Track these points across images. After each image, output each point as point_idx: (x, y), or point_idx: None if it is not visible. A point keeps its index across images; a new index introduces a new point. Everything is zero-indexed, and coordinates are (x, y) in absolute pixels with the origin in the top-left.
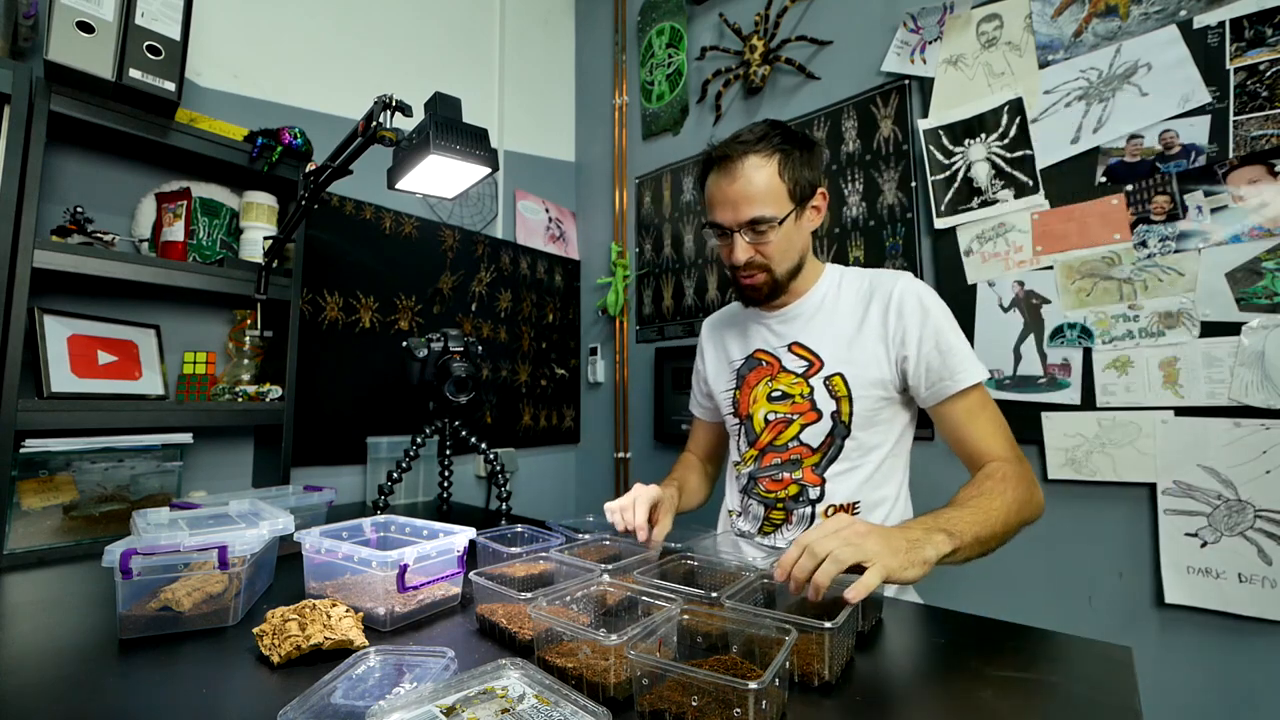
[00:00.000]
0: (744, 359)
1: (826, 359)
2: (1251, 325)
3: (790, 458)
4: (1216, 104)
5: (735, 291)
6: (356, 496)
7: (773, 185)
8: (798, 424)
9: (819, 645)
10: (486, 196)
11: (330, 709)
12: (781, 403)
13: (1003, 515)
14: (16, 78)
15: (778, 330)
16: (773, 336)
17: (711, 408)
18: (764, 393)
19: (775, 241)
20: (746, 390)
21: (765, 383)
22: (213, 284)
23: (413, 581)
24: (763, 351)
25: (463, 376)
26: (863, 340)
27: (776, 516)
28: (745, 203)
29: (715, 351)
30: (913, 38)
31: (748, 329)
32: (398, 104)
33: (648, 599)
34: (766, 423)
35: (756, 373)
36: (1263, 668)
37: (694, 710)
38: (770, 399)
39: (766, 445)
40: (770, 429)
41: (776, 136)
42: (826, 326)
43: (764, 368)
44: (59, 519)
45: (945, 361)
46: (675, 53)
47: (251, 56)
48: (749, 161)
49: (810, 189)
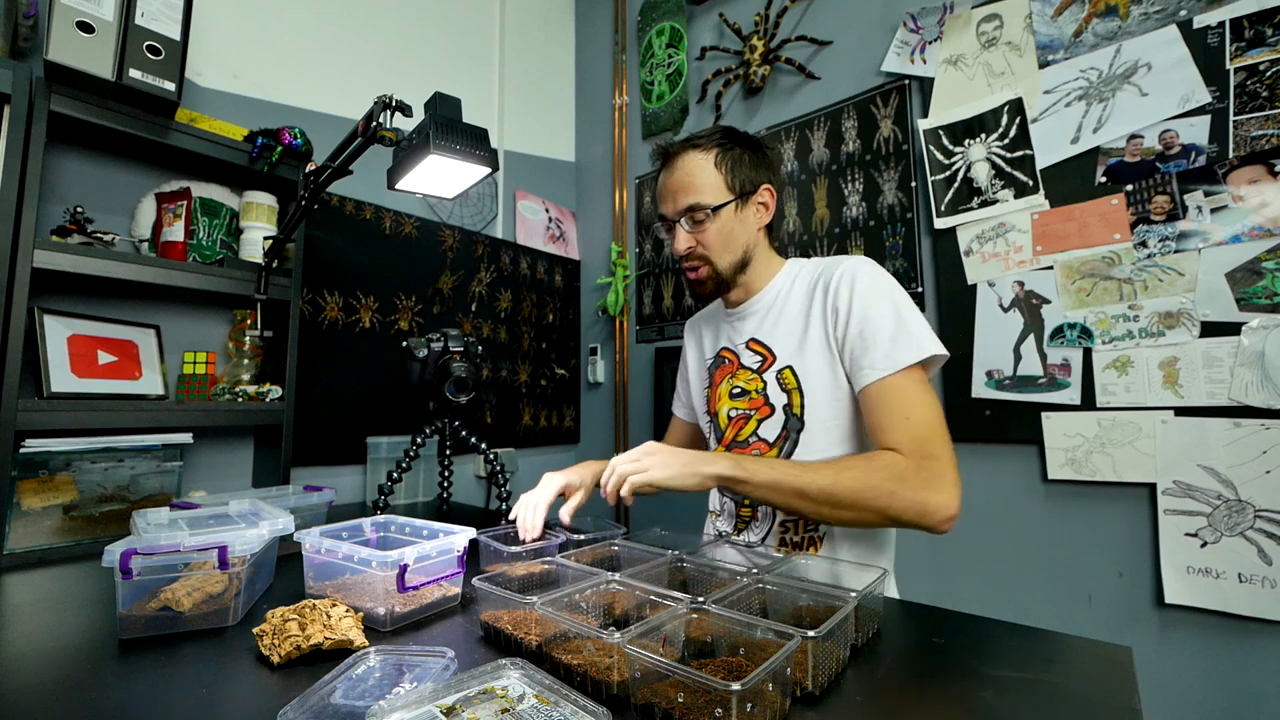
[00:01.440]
0: (714, 356)
1: (779, 353)
2: (1251, 325)
3: (751, 453)
4: (1216, 104)
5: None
6: (356, 496)
7: (708, 175)
8: (755, 419)
9: (803, 653)
10: (486, 196)
11: (330, 709)
12: (741, 399)
13: (828, 482)
14: (16, 78)
15: (737, 327)
16: (734, 334)
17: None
18: (726, 390)
19: (713, 231)
20: (715, 388)
21: (728, 380)
22: (213, 284)
23: (413, 581)
24: (726, 349)
25: (463, 376)
26: (808, 331)
27: (745, 513)
28: (682, 192)
29: (694, 351)
30: (913, 38)
31: (718, 327)
32: (398, 104)
33: (656, 599)
34: (729, 419)
35: (722, 370)
36: (1263, 668)
37: (681, 707)
38: (732, 396)
39: (731, 441)
40: (733, 425)
41: (718, 135)
42: (779, 321)
43: (726, 365)
44: (59, 519)
45: (865, 347)
46: (675, 53)
47: (251, 56)
48: (688, 155)
49: (753, 185)
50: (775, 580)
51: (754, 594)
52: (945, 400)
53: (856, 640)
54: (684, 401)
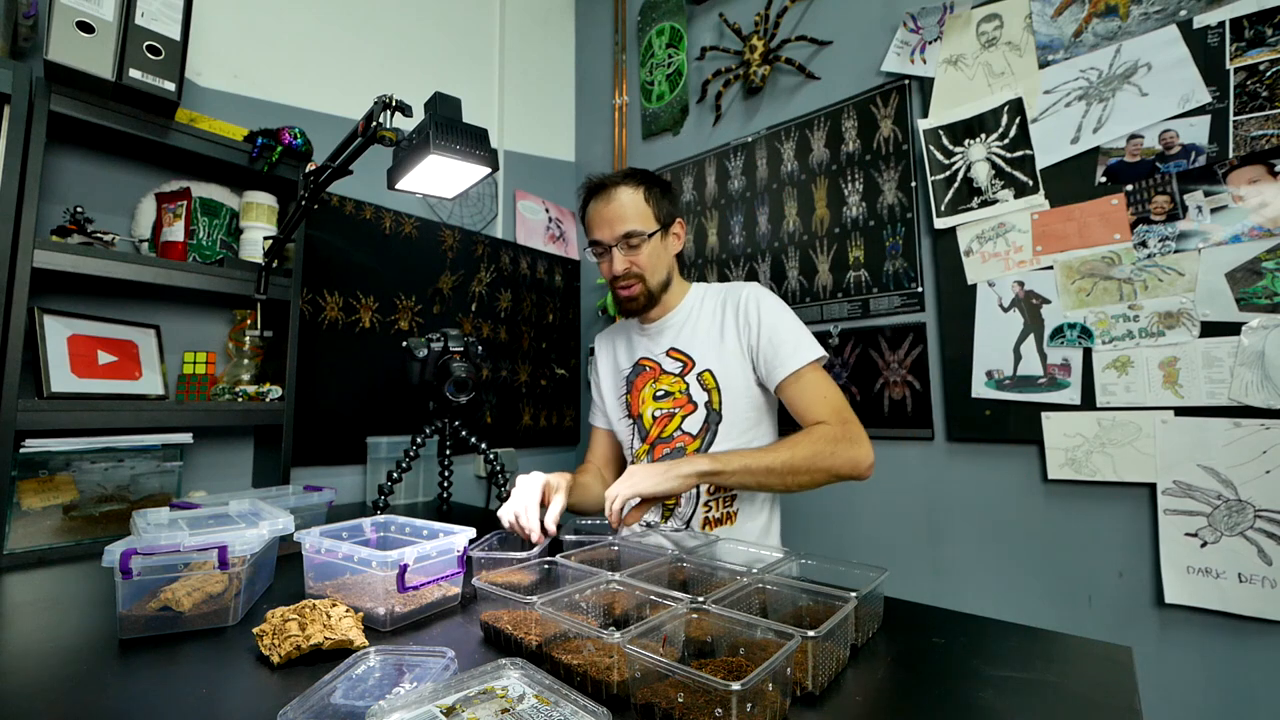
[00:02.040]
0: (631, 366)
1: (697, 359)
2: (1251, 325)
3: (676, 446)
4: (1216, 104)
5: (615, 303)
6: (356, 496)
7: (640, 207)
8: (679, 416)
9: (803, 653)
10: (486, 196)
11: (330, 709)
12: (664, 400)
13: (787, 456)
14: (16, 78)
15: (655, 339)
16: (652, 345)
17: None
18: (650, 393)
19: (646, 254)
20: (635, 393)
21: (650, 385)
22: (213, 284)
23: (413, 581)
24: (645, 358)
25: (463, 377)
26: (724, 340)
27: (671, 502)
28: (619, 221)
29: (608, 363)
30: (913, 38)
31: (632, 340)
32: (398, 104)
33: (656, 599)
34: (654, 419)
35: (642, 377)
36: (1263, 668)
37: (681, 707)
38: (655, 398)
39: (656, 438)
40: (657, 424)
41: (639, 174)
42: (695, 333)
43: (647, 372)
44: (59, 519)
45: (776, 351)
46: (675, 53)
47: (251, 56)
48: (623, 188)
49: (670, 218)
50: (775, 580)
51: (754, 594)
52: (945, 400)
53: (856, 640)
54: (600, 409)
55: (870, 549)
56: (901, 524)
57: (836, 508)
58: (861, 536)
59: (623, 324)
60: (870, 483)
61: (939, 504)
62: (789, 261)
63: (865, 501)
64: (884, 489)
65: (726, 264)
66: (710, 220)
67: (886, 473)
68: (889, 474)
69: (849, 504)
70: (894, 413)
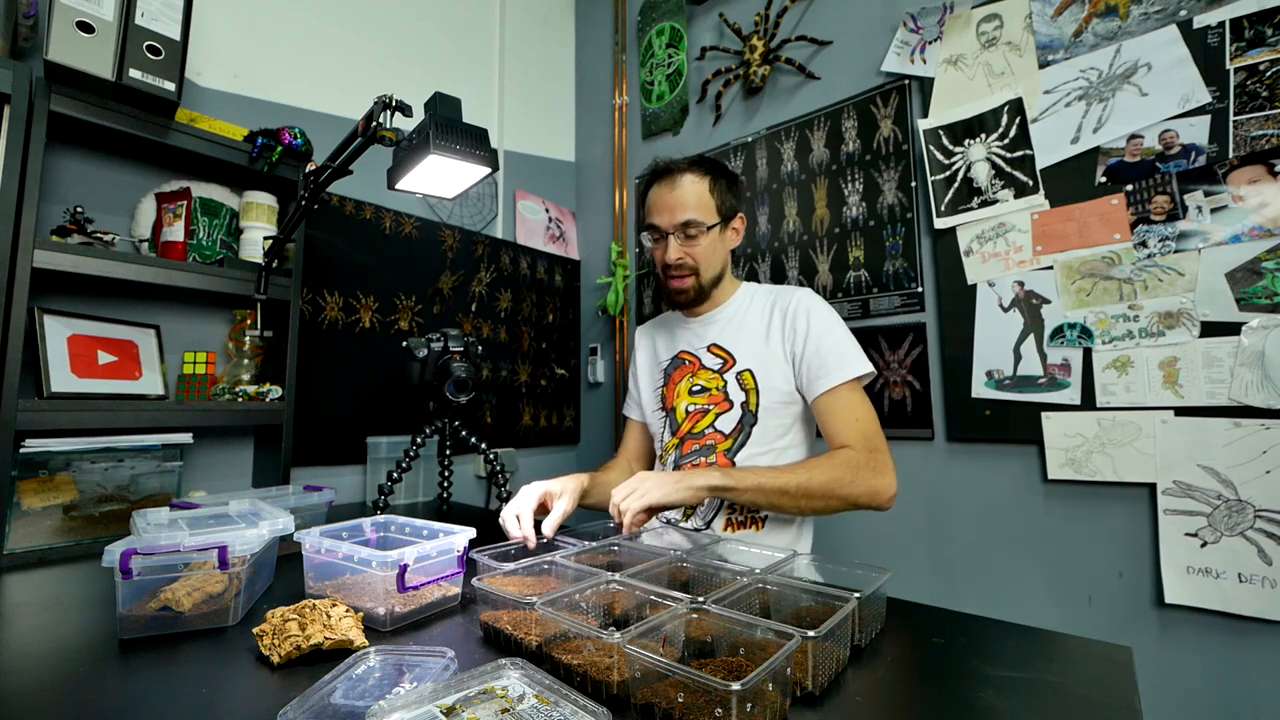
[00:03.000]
0: (670, 358)
1: (739, 357)
2: (1251, 325)
3: (706, 443)
4: (1216, 104)
5: (664, 294)
6: (356, 496)
7: (704, 197)
8: (713, 413)
9: (803, 653)
10: (486, 196)
11: (330, 709)
12: (700, 395)
13: (804, 479)
14: (16, 78)
15: (699, 333)
16: (695, 338)
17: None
18: (686, 387)
19: (703, 246)
20: (672, 386)
21: (687, 379)
22: (213, 284)
23: (413, 581)
24: (686, 352)
25: (463, 377)
26: (769, 343)
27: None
28: (680, 208)
29: (646, 354)
30: (913, 38)
31: (674, 333)
32: (398, 104)
33: (656, 599)
34: (687, 414)
35: (680, 370)
36: (1263, 668)
37: (681, 707)
38: (691, 393)
39: (686, 433)
40: (690, 419)
41: (709, 163)
42: (740, 331)
43: (686, 366)
44: (59, 519)
45: (822, 362)
46: (675, 53)
47: (251, 56)
48: (687, 176)
49: (732, 212)
50: (776, 580)
51: (754, 594)
52: (945, 400)
53: (857, 640)
54: (636, 401)
55: (870, 549)
56: (901, 524)
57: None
58: (861, 536)
59: (667, 316)
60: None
61: (939, 504)
62: (789, 261)
63: None
64: None
65: None
66: None
67: None
68: None
69: None
70: (894, 413)
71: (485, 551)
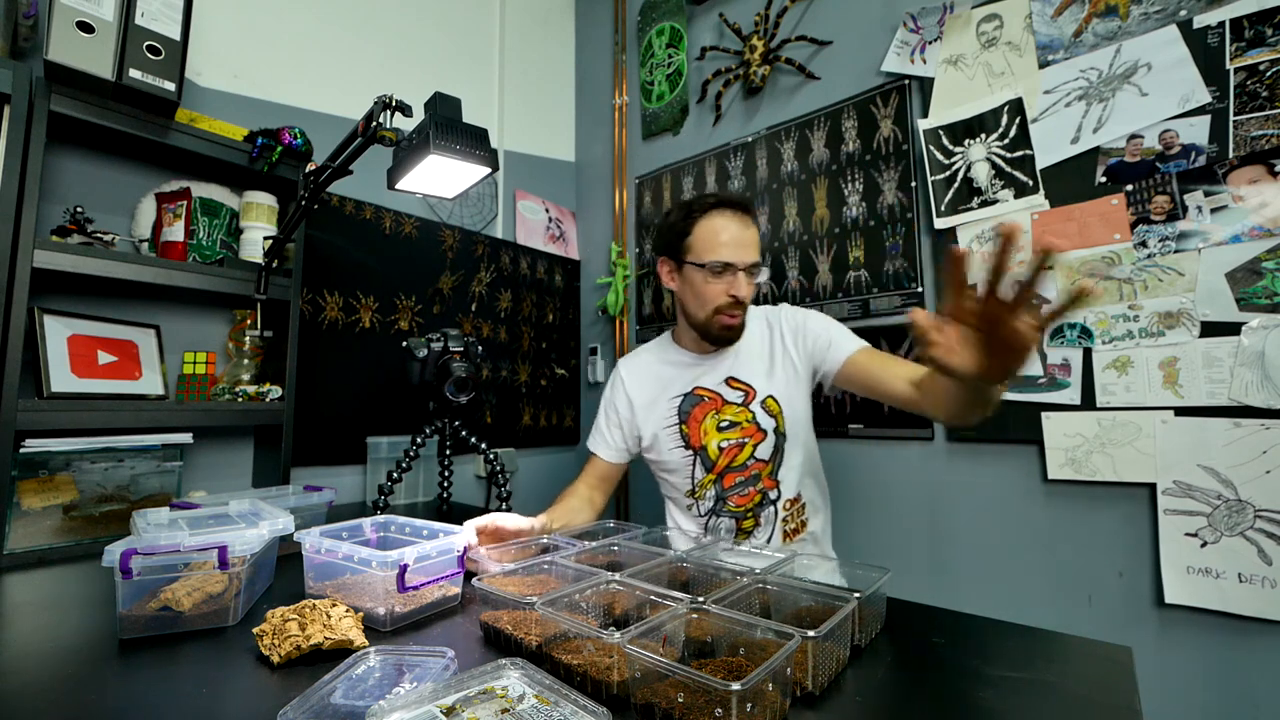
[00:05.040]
0: (683, 396)
1: (758, 387)
2: (1251, 325)
3: (751, 474)
4: (1216, 104)
5: (711, 329)
6: (356, 496)
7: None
8: (750, 445)
9: (803, 653)
10: (486, 196)
11: (330, 709)
12: (731, 430)
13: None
14: (16, 78)
15: (712, 367)
16: (707, 374)
17: (623, 449)
18: (713, 424)
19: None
20: (695, 425)
21: (711, 416)
22: (213, 284)
23: (413, 581)
24: (702, 388)
25: (463, 376)
26: (776, 362)
27: (748, 524)
28: (754, 247)
29: (644, 392)
30: (913, 38)
31: (677, 370)
32: (398, 104)
33: (656, 599)
34: (721, 450)
35: (701, 408)
36: (1263, 668)
37: (681, 707)
38: (720, 429)
39: (725, 468)
40: (725, 454)
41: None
42: (748, 360)
43: (707, 403)
44: (59, 519)
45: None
46: (675, 53)
47: (251, 56)
48: (751, 217)
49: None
50: (776, 580)
51: (754, 594)
52: None
53: (858, 640)
54: (611, 444)
55: (870, 549)
56: (901, 524)
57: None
58: (861, 536)
59: (650, 352)
60: (870, 483)
61: (939, 504)
62: (789, 261)
63: (865, 501)
64: (884, 489)
65: None
66: None
67: (886, 473)
68: (889, 474)
69: (849, 504)
70: (894, 412)
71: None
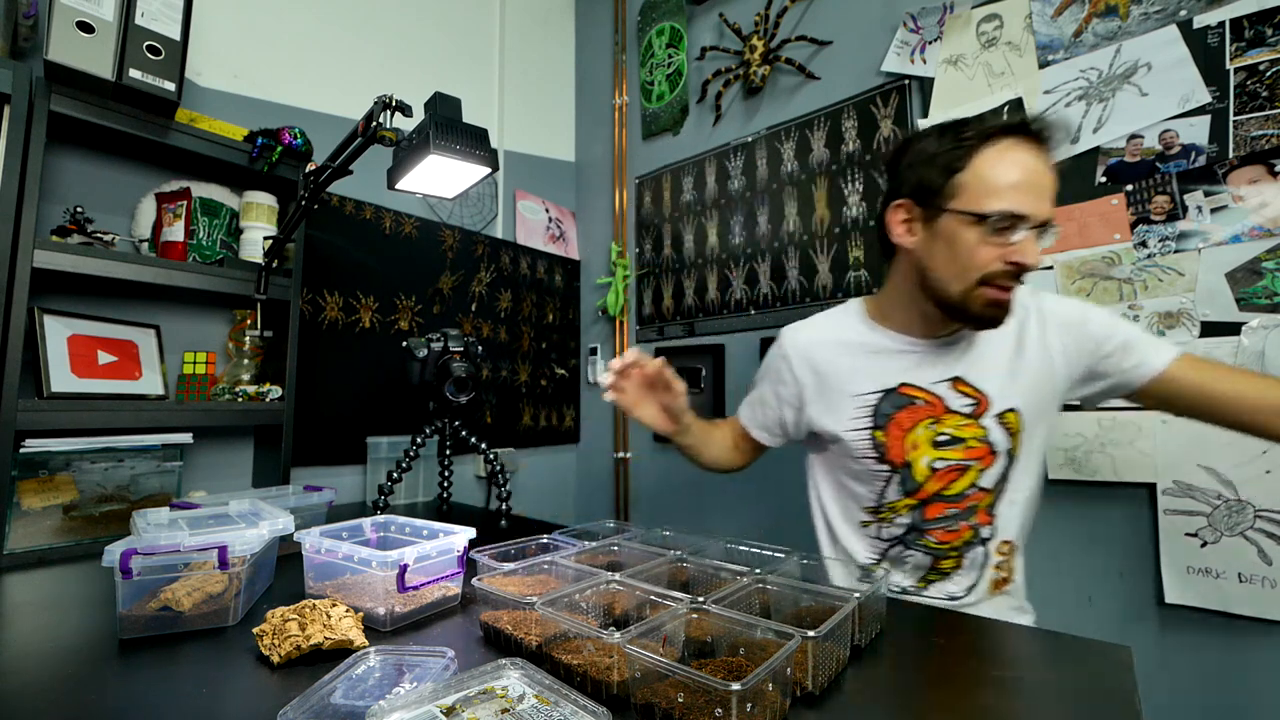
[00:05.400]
0: (882, 393)
1: (993, 395)
2: (1251, 325)
3: (967, 505)
4: (1216, 104)
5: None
6: (356, 496)
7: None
8: (975, 470)
9: (803, 653)
10: (486, 196)
11: (330, 709)
12: (953, 448)
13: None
14: (16, 78)
15: (937, 361)
16: (927, 369)
17: (782, 437)
18: (927, 437)
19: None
20: (898, 431)
21: (926, 426)
22: (213, 284)
23: (413, 581)
24: (914, 387)
25: (463, 376)
26: (1026, 362)
27: (947, 565)
28: (1050, 197)
29: (821, 380)
30: (913, 38)
31: (882, 358)
32: (398, 104)
33: (656, 599)
34: (932, 470)
35: (910, 413)
36: (1263, 668)
37: (680, 707)
38: (936, 444)
39: (933, 495)
40: (938, 477)
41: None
42: (984, 356)
43: (921, 407)
44: (59, 519)
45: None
46: (675, 53)
47: (251, 56)
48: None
49: None
50: (776, 580)
51: (754, 594)
52: None
53: (858, 640)
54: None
55: None
56: None
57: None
58: None
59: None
60: None
61: None
62: (789, 261)
63: None
64: None
65: (726, 264)
66: (710, 220)
67: None
68: None
69: None
70: None
71: (485, 551)
